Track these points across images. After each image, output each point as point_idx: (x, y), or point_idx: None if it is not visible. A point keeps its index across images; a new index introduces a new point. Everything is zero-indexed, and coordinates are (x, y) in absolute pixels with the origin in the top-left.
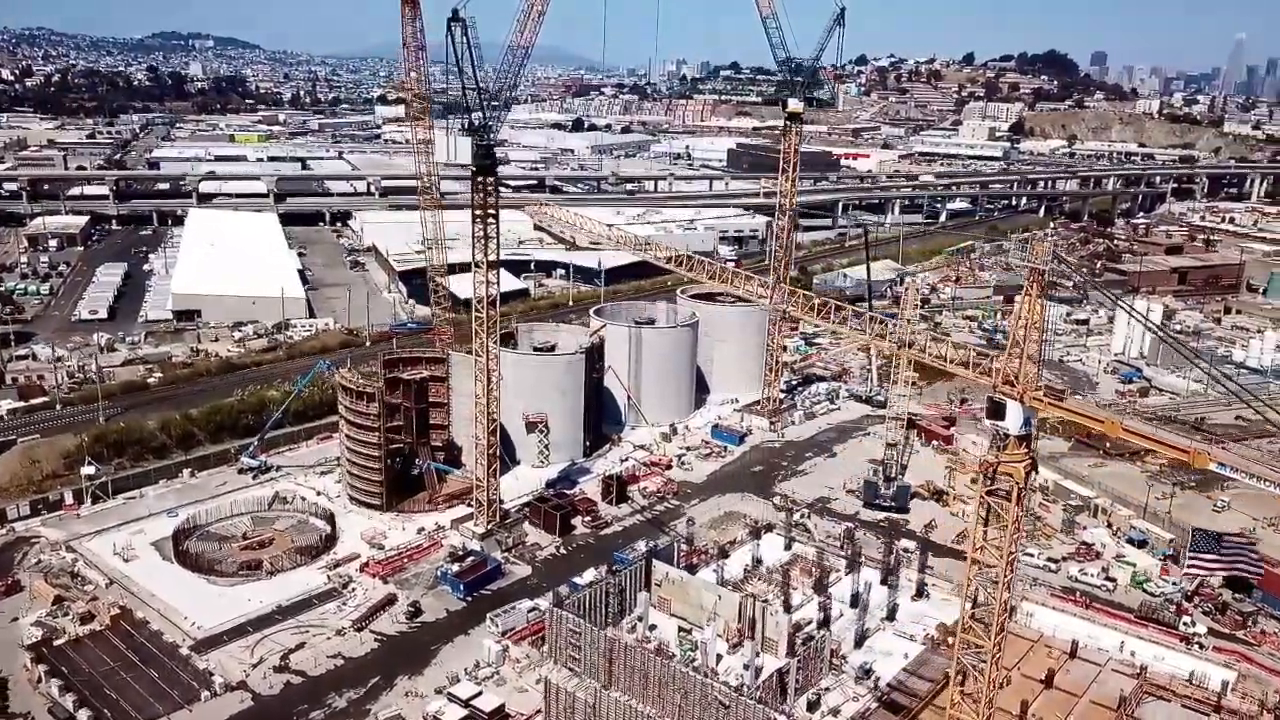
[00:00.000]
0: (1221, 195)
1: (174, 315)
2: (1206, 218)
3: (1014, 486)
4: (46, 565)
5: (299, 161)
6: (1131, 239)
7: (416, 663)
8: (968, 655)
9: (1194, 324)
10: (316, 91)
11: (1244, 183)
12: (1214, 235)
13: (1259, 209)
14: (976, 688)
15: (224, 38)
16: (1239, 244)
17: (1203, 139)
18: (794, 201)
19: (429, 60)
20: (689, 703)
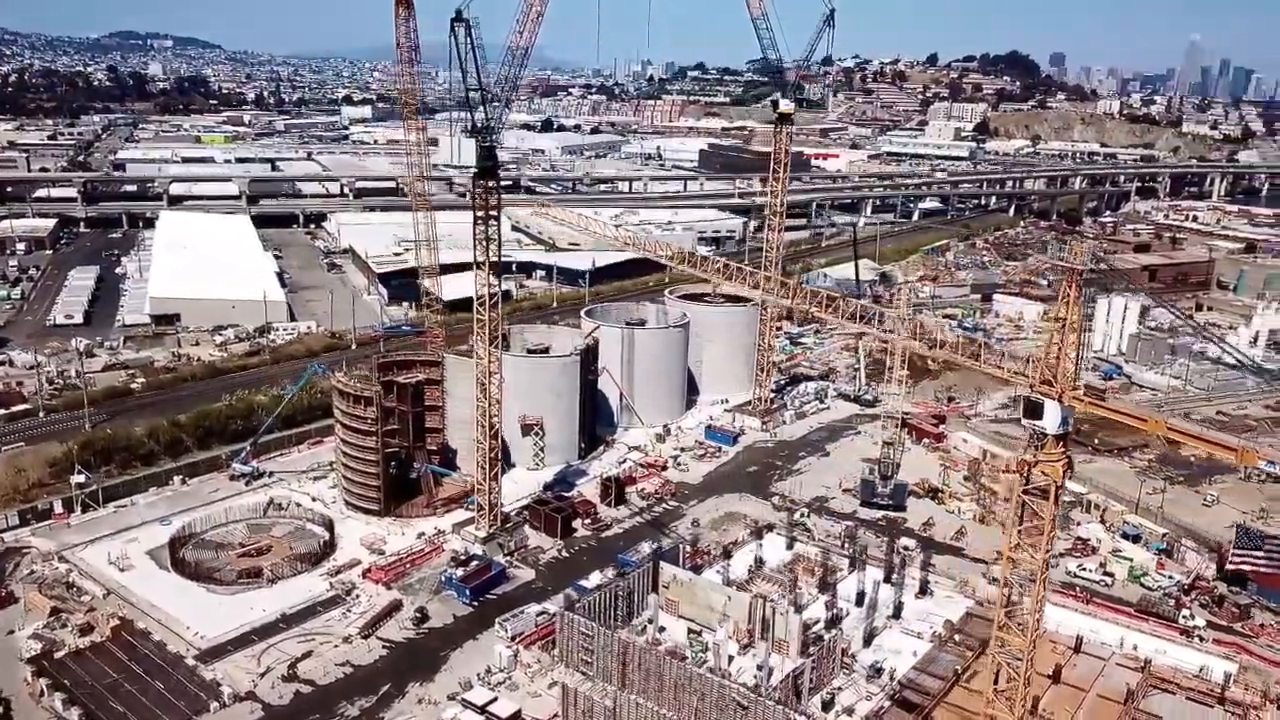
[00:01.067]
0: (1184, 194)
1: (152, 319)
2: (1170, 216)
3: (1052, 485)
4: (40, 576)
5: (268, 163)
6: (1101, 237)
7: (427, 669)
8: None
9: (1169, 321)
10: (280, 92)
11: (1204, 182)
12: (1179, 234)
13: (1220, 208)
14: (1011, 686)
15: (183, 37)
16: (1204, 242)
17: (1162, 139)
18: (784, 200)
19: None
20: (706, 704)
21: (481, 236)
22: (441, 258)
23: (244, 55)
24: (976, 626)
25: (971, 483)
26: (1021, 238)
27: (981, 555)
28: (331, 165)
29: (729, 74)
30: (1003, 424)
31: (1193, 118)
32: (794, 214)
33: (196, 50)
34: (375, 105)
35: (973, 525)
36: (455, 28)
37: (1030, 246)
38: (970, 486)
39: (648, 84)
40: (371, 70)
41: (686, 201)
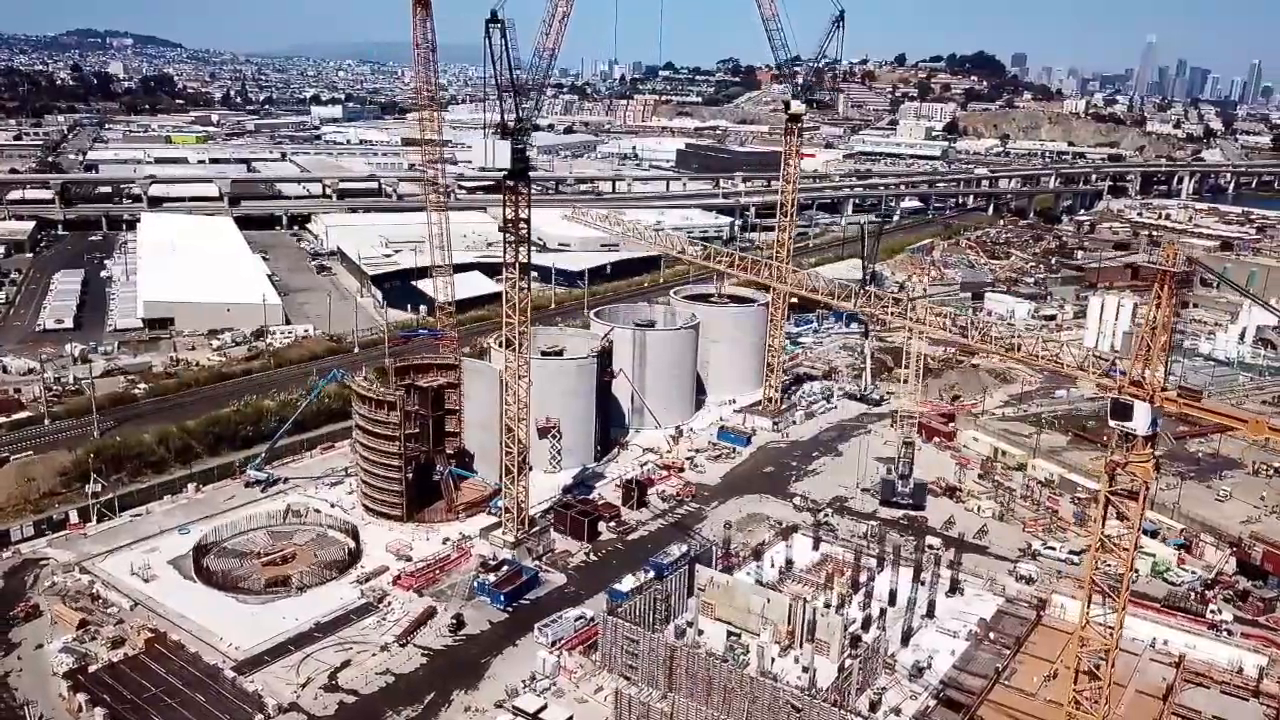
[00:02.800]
0: (1153, 192)
1: (145, 323)
2: (1143, 214)
3: (1142, 486)
4: (62, 588)
5: (244, 164)
6: (1080, 236)
7: (470, 677)
8: (1089, 654)
9: None
10: (247, 91)
11: (1172, 180)
12: (1155, 232)
13: (1190, 206)
14: (1094, 686)
15: (143, 36)
16: (1179, 240)
17: (1127, 138)
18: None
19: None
20: (758, 707)
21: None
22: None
23: (206, 54)
24: (1010, 624)
25: (987, 481)
26: (1004, 236)
27: (1005, 553)
28: (309, 166)
29: (700, 74)
30: (1010, 422)
31: (1155, 117)
32: None
33: (157, 49)
34: (345, 105)
35: (993, 523)
36: (490, 29)
37: (1012, 245)
38: (986, 484)
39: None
40: (336, 70)
41: (672, 202)
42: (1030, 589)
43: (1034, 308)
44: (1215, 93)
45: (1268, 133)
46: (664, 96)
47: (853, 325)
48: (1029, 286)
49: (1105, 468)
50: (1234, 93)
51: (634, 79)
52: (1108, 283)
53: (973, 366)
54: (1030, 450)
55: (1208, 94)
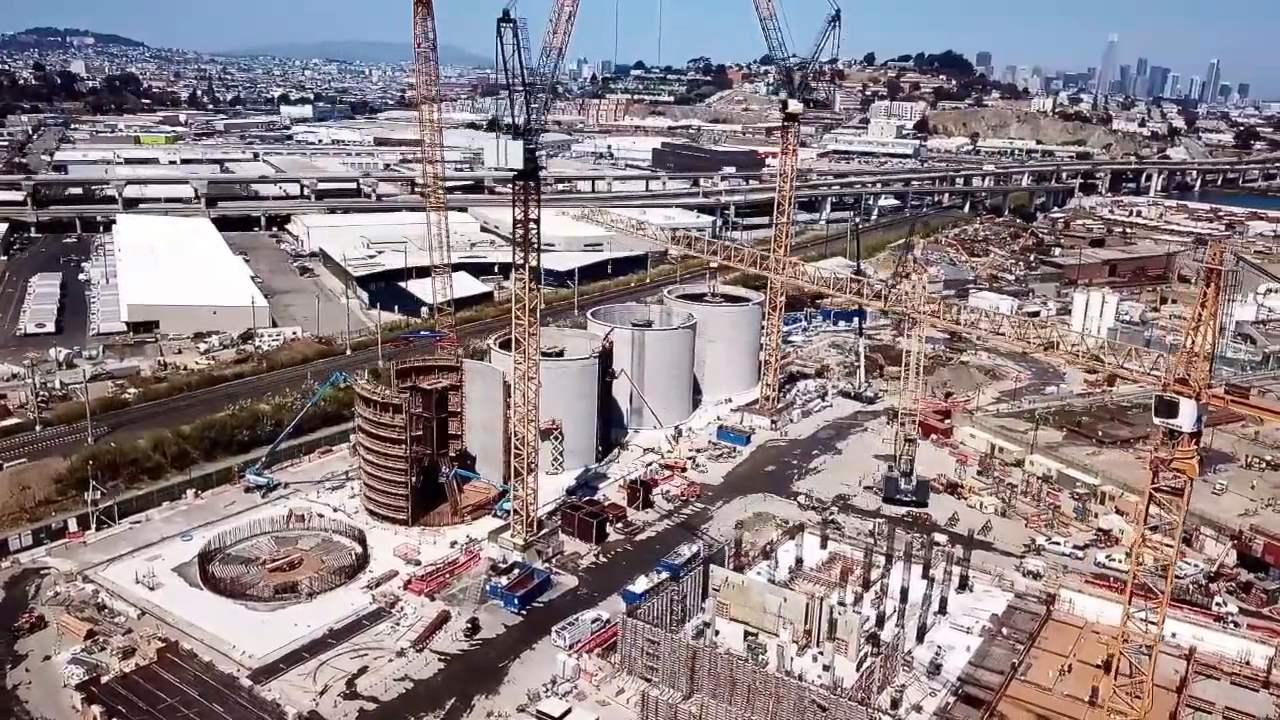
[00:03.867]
0: (1123, 190)
1: (128, 327)
2: (1114, 211)
3: (1187, 482)
4: (66, 598)
5: (216, 164)
6: (1056, 233)
7: (489, 681)
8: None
9: (1138, 314)
10: (214, 91)
11: (1140, 178)
12: (1128, 229)
13: (1160, 202)
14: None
15: (104, 34)
16: (1151, 236)
17: (1093, 136)
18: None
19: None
20: (784, 707)
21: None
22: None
23: (169, 53)
24: (1021, 619)
25: (986, 477)
26: (983, 234)
27: (1010, 548)
28: (284, 166)
29: (671, 73)
30: (1005, 418)
31: (1121, 116)
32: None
33: (119, 48)
34: (315, 105)
35: (995, 519)
36: (501, 28)
37: (991, 242)
38: (986, 481)
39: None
40: (303, 69)
41: (653, 201)
42: (1038, 584)
43: (1017, 305)
44: (1175, 91)
45: (1229, 131)
46: (636, 96)
47: (840, 324)
48: (1010, 284)
49: (1150, 464)
50: (1193, 91)
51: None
52: (1087, 279)
53: (962, 363)
54: (1027, 446)
55: (1168, 93)
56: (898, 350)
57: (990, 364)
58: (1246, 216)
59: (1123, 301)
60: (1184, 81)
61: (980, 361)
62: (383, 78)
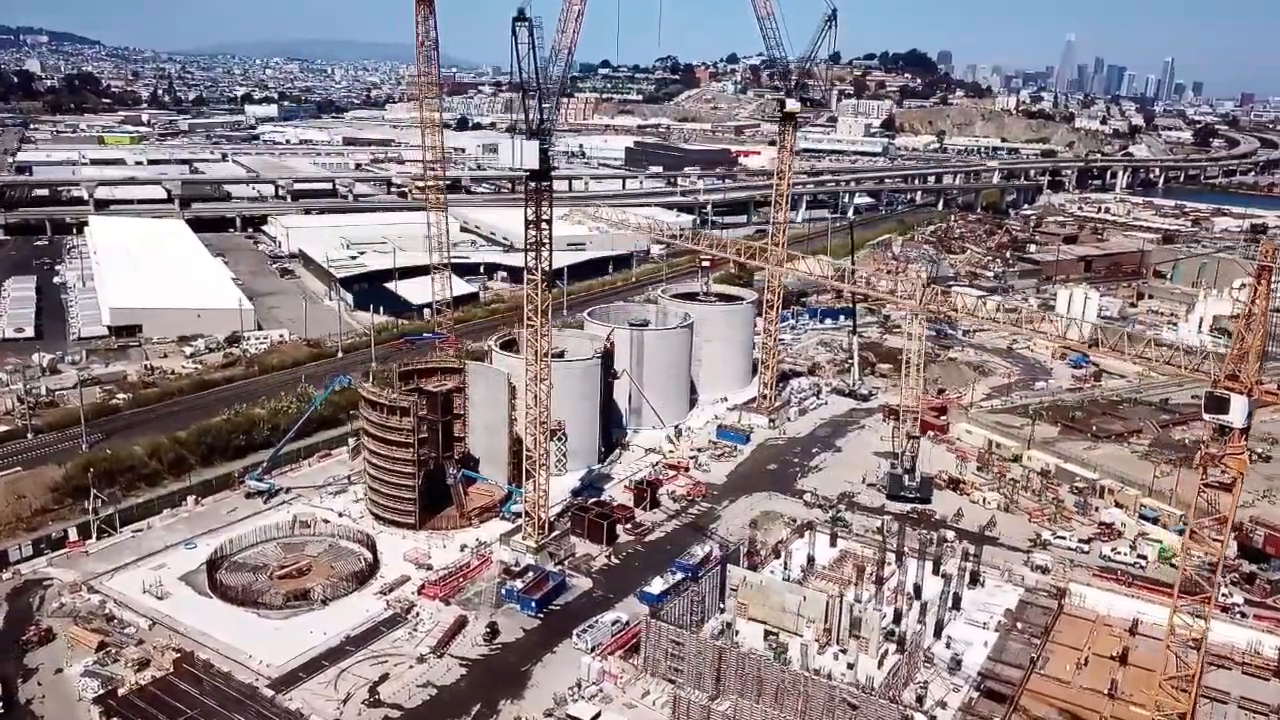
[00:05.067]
0: (1089, 187)
1: (111, 331)
2: (1083, 208)
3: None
4: (72, 609)
5: (185, 164)
6: (1029, 230)
7: (514, 686)
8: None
9: (1117, 310)
10: (175, 90)
11: (1106, 175)
12: (1099, 225)
13: (1126, 199)
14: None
15: (58, 32)
16: (1122, 232)
17: (1057, 134)
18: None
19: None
20: (814, 706)
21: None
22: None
23: (126, 51)
24: (1033, 614)
25: (986, 473)
26: (958, 231)
27: (1016, 543)
28: (255, 167)
29: (639, 71)
30: (1000, 414)
31: (1083, 114)
32: (735, 211)
33: (75, 46)
34: (281, 104)
35: (999, 515)
36: (516, 28)
37: (967, 239)
38: (986, 476)
39: None
40: (264, 67)
41: (631, 200)
42: (1047, 578)
43: (1000, 301)
44: (1132, 90)
45: (1187, 128)
46: (604, 94)
47: (827, 322)
48: (989, 280)
49: (1199, 460)
50: (1149, 89)
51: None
52: (1064, 275)
53: (950, 360)
54: (1024, 441)
55: (1124, 91)
56: (886, 348)
57: (978, 360)
58: (1211, 213)
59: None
60: (1140, 80)
61: (968, 358)
62: (345, 76)
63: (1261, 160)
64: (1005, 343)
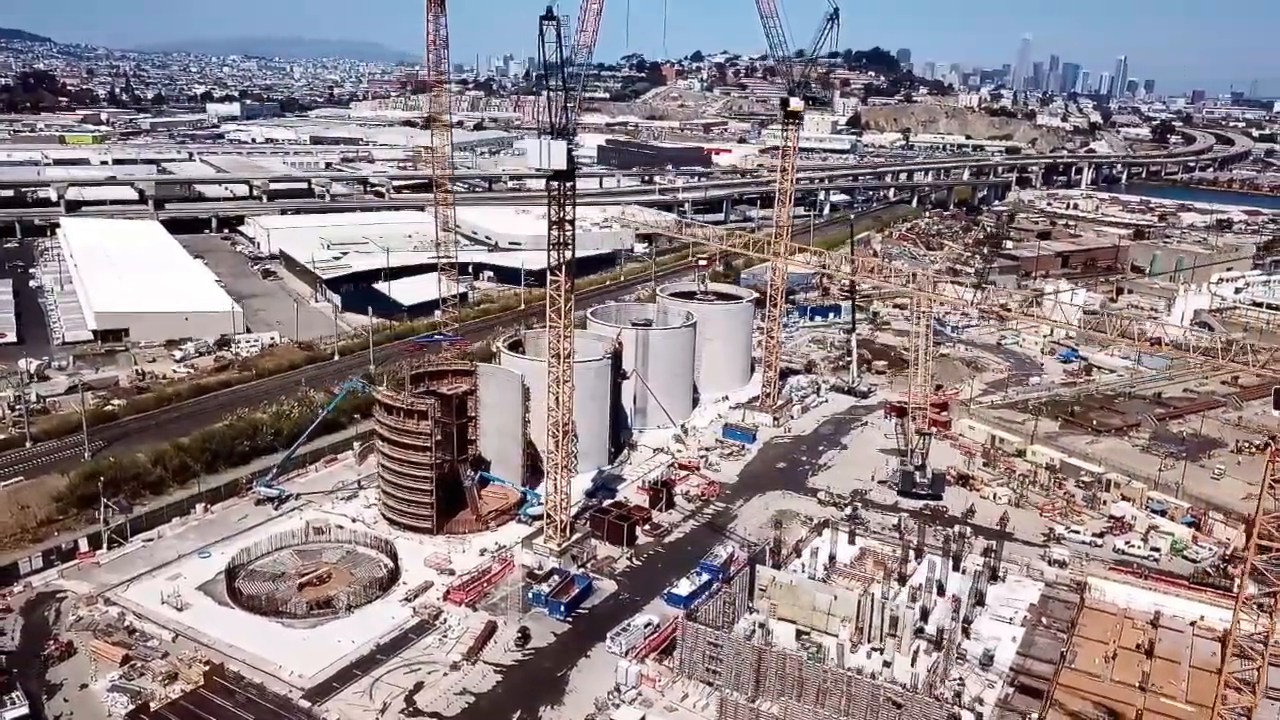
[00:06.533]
0: (1055, 184)
1: (96, 335)
2: (1051, 204)
3: None
4: (91, 622)
5: (153, 164)
6: (1003, 226)
7: (552, 692)
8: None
9: (1099, 305)
10: (133, 88)
11: (1071, 171)
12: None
13: (1093, 195)
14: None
15: (7, 30)
16: (1092, 228)
17: (1019, 131)
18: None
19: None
20: (858, 705)
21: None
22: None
23: (78, 49)
24: (1056, 608)
25: (992, 468)
26: (935, 227)
27: (1030, 538)
28: (225, 166)
29: (605, 69)
30: (1000, 409)
31: (1044, 111)
32: (711, 209)
33: (25, 43)
34: (243, 103)
35: (1011, 510)
36: (544, 26)
37: (944, 236)
38: (993, 472)
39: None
40: (221, 65)
41: (609, 199)
42: (1065, 573)
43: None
44: (1087, 87)
45: (1144, 125)
46: None
47: (817, 319)
48: (970, 277)
49: (1270, 455)
50: (1103, 87)
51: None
52: (1043, 271)
53: (942, 356)
54: (1027, 437)
55: (1080, 88)
56: (879, 344)
57: (970, 356)
58: (1176, 208)
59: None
60: (1094, 77)
61: (960, 354)
62: (305, 74)
63: (1219, 156)
64: (994, 338)
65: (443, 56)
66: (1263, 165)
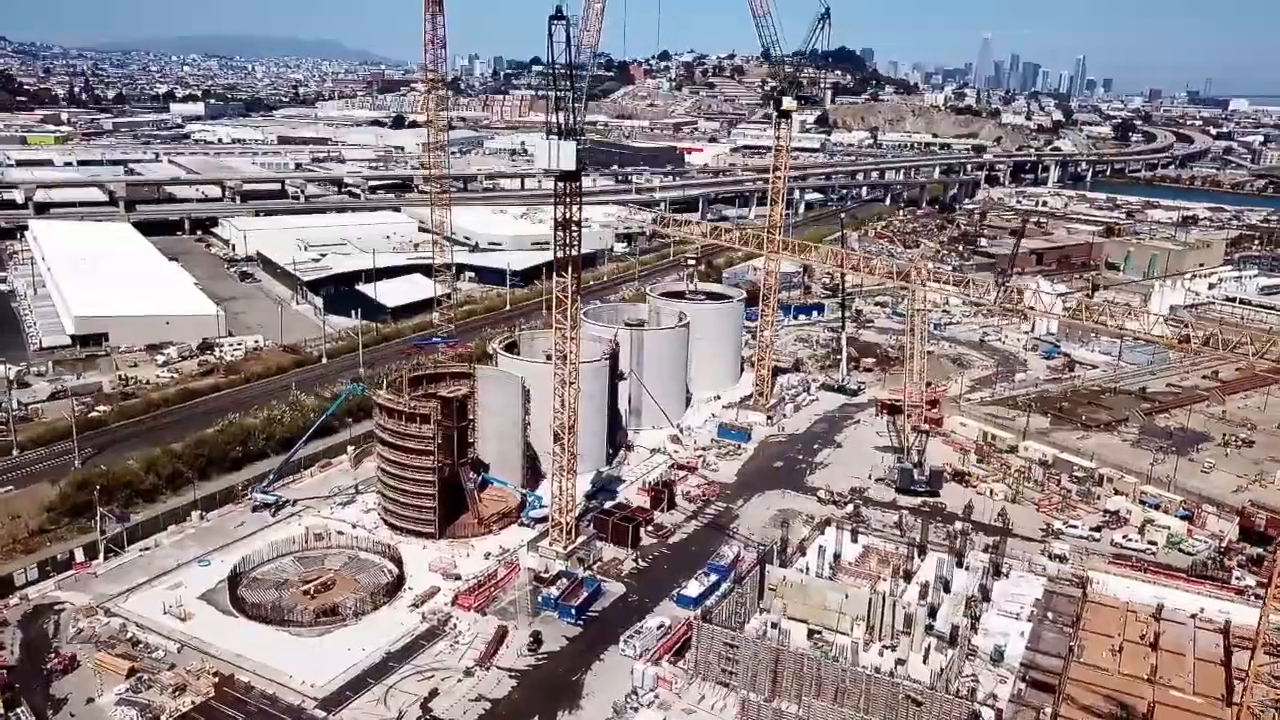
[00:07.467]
0: (1023, 181)
1: (74, 340)
2: (1021, 202)
3: None
4: (93, 634)
5: (119, 165)
6: (977, 223)
7: (568, 697)
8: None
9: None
10: (92, 88)
11: (1037, 169)
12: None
13: (1061, 193)
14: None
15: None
16: (1062, 226)
17: (984, 129)
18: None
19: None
20: (876, 704)
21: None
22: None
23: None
24: (1060, 603)
25: (986, 465)
26: (910, 225)
27: (1029, 534)
28: (194, 167)
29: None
30: (990, 406)
31: (1008, 110)
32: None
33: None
34: (207, 103)
35: (1007, 505)
36: (553, 26)
37: (919, 234)
38: (987, 468)
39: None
40: (181, 64)
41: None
42: (1066, 568)
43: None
44: (1046, 85)
45: (1105, 123)
46: (540, 92)
47: (800, 318)
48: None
49: None
50: (1062, 85)
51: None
52: (1020, 268)
53: (929, 353)
54: (1019, 433)
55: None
56: (863, 342)
57: (955, 353)
58: (1142, 205)
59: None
60: (1054, 76)
61: (945, 351)
62: (268, 74)
63: (1180, 154)
64: (978, 335)
65: (441, 56)
66: (1222, 163)
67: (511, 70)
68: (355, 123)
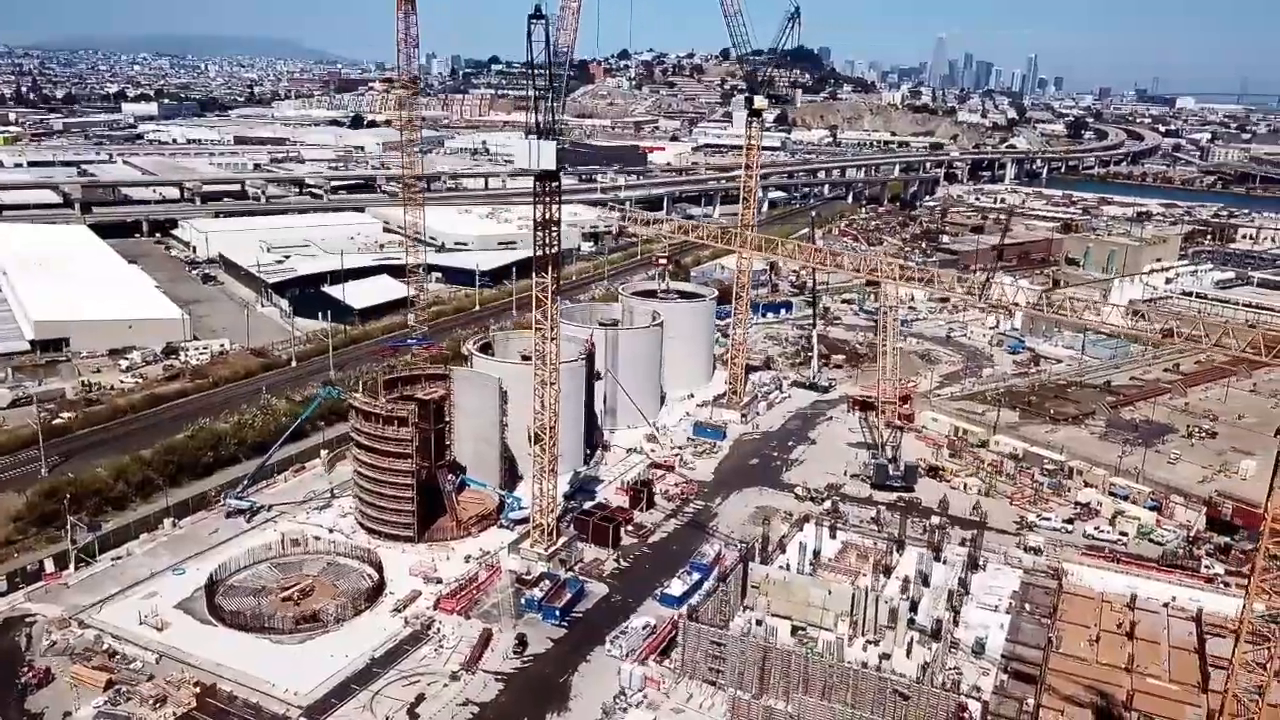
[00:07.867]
0: (981, 179)
1: (33, 346)
2: (980, 199)
3: None
4: (67, 646)
5: (72, 166)
6: (938, 221)
7: (556, 699)
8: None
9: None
10: (40, 87)
11: (994, 166)
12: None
13: (1018, 190)
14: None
15: None
16: (1021, 222)
17: (941, 127)
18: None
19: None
20: (863, 699)
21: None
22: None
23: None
24: (1037, 595)
25: (959, 459)
26: (873, 223)
27: (1003, 527)
28: (150, 168)
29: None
30: (960, 401)
31: (963, 108)
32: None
33: None
34: (161, 102)
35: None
36: (532, 25)
37: (883, 231)
38: (960, 463)
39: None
40: (132, 63)
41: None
42: (1041, 559)
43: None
44: (999, 84)
45: (1058, 121)
46: (500, 91)
47: (769, 315)
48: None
49: None
50: (1015, 84)
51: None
52: (980, 264)
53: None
54: (989, 427)
55: (993, 85)
56: (831, 339)
57: (923, 349)
58: (1097, 201)
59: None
60: (1006, 75)
61: (911, 347)
62: (221, 73)
63: (1131, 151)
64: (944, 331)
65: (413, 55)
66: (1172, 160)
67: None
68: (313, 122)
